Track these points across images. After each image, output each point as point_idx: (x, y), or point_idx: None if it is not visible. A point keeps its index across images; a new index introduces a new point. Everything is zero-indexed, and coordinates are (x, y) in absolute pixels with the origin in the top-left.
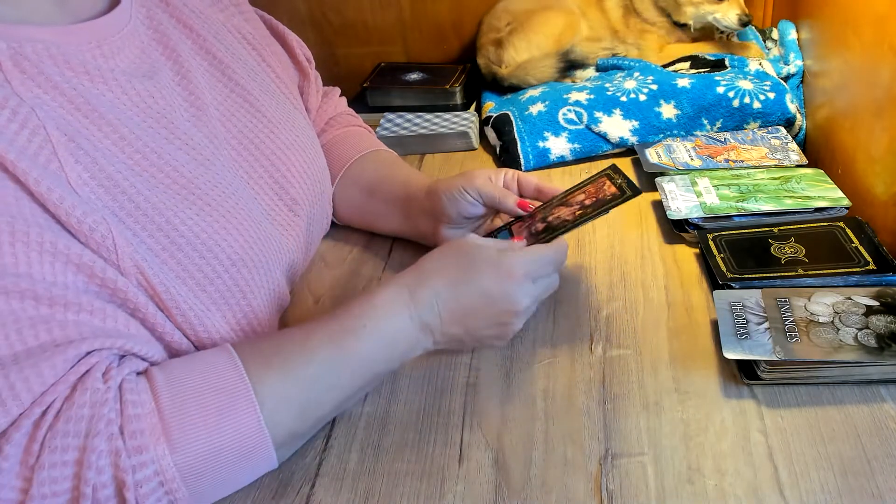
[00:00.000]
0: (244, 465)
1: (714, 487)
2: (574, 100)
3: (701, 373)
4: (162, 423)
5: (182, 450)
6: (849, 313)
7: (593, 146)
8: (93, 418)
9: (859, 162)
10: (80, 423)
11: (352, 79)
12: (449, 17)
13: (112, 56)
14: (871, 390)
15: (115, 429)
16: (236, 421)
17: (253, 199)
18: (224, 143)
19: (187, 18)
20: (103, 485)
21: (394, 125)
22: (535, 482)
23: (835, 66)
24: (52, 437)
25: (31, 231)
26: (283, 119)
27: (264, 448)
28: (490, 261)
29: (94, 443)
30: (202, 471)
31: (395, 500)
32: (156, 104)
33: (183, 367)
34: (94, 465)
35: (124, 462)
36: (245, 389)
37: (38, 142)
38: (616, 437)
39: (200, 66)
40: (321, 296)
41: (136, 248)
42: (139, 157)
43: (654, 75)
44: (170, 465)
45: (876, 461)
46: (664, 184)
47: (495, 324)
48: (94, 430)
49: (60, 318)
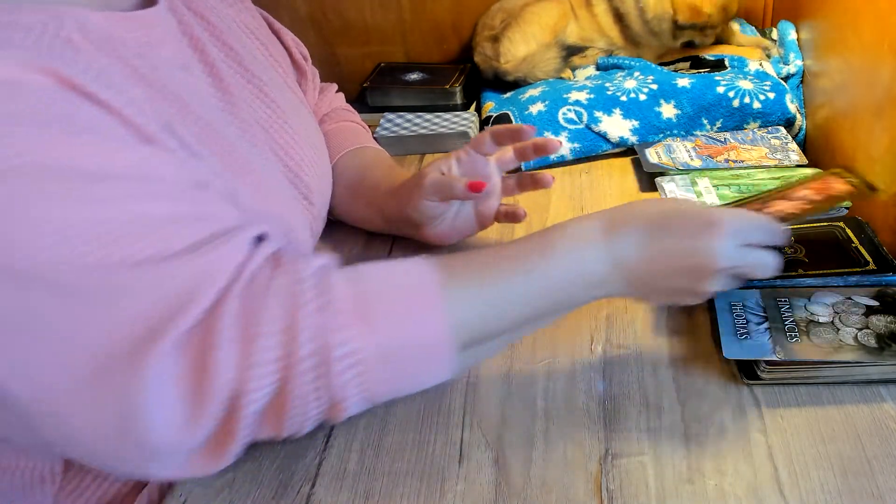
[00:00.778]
0: (425, 358)
1: (714, 487)
2: (574, 99)
3: (701, 373)
4: (357, 305)
5: (376, 333)
6: (849, 313)
7: (593, 146)
8: (296, 294)
9: (859, 162)
10: (288, 298)
11: (352, 79)
12: (449, 17)
13: (157, 46)
14: (871, 390)
15: (320, 303)
16: (422, 310)
17: (281, 182)
18: (256, 132)
19: (203, 11)
20: (311, 353)
21: (394, 125)
22: (535, 482)
23: (835, 66)
24: (264, 310)
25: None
26: (293, 111)
27: (446, 342)
28: (697, 212)
29: (302, 313)
30: (390, 356)
31: (395, 500)
32: (196, 95)
33: (371, 265)
34: (302, 333)
35: (328, 336)
36: (432, 283)
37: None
38: (616, 437)
39: (220, 58)
40: None
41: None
42: (200, 126)
43: (654, 75)
44: (365, 345)
45: (876, 461)
46: (664, 184)
47: (690, 278)
48: (300, 302)
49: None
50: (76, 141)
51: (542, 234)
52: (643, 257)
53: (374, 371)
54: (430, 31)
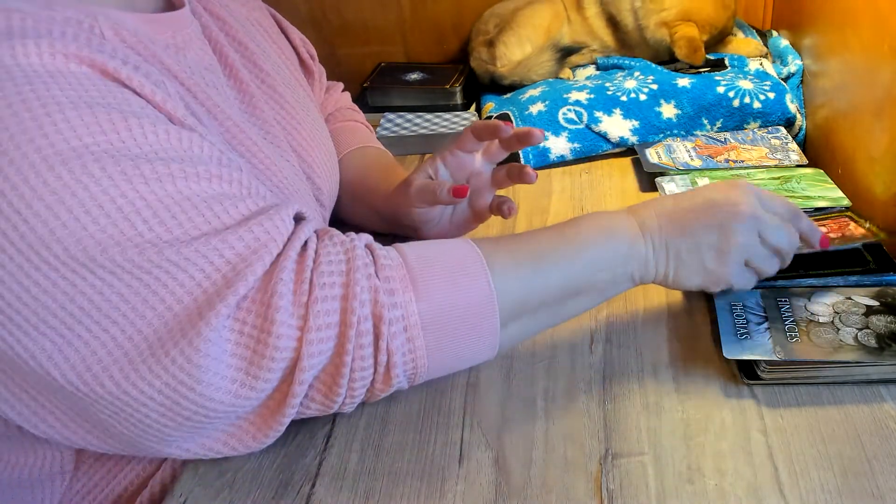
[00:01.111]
0: (473, 326)
1: (714, 487)
2: (574, 99)
3: (701, 373)
4: (406, 273)
5: (425, 299)
6: (849, 313)
7: (593, 146)
8: (349, 260)
9: (859, 162)
10: (341, 264)
11: (352, 79)
12: (449, 17)
13: (184, 48)
14: (871, 390)
15: (371, 270)
16: (469, 278)
17: (299, 183)
18: (277, 134)
19: (218, 11)
20: (365, 317)
21: (394, 125)
22: (535, 482)
23: (835, 66)
24: (319, 276)
25: (192, 136)
26: (304, 110)
27: (491, 310)
28: (717, 183)
29: (356, 277)
30: (438, 323)
31: (395, 500)
32: (219, 96)
33: (424, 243)
34: (357, 297)
35: (381, 298)
36: (477, 257)
37: (161, 93)
38: (616, 437)
39: (236, 59)
40: None
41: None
42: (227, 127)
43: (654, 75)
44: (414, 311)
45: (876, 461)
46: (664, 184)
47: (717, 228)
48: (353, 268)
49: (256, 194)
50: (124, 125)
51: (571, 219)
52: (667, 220)
53: (421, 337)
54: (430, 31)
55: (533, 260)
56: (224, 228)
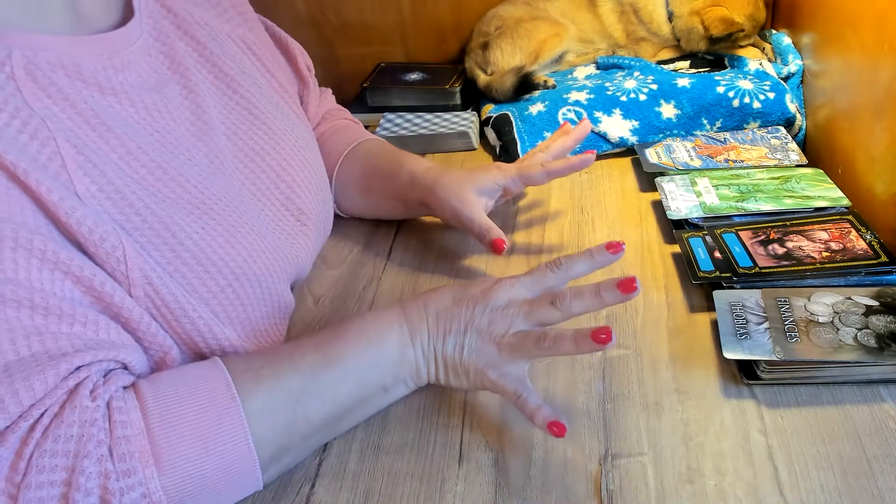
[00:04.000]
0: (231, 485)
1: (714, 487)
2: (574, 99)
3: (701, 373)
4: (151, 444)
5: (170, 471)
6: (849, 313)
7: (593, 146)
8: (82, 438)
9: (859, 162)
10: (69, 443)
11: (352, 79)
12: (449, 18)
13: (122, 69)
14: (871, 390)
15: (104, 450)
16: (225, 441)
17: (259, 212)
18: (230, 157)
19: (193, 30)
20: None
21: (394, 125)
22: (535, 482)
23: (835, 66)
24: (41, 457)
25: (35, 239)
26: (288, 130)
27: (251, 468)
28: None
29: (84, 464)
30: (190, 491)
31: (395, 500)
32: (162, 118)
33: (172, 380)
34: (82, 486)
35: (113, 484)
36: (235, 408)
37: (48, 153)
38: (616, 437)
39: (206, 80)
40: (321, 296)
41: (144, 259)
42: (145, 171)
43: (654, 75)
44: (157, 488)
45: (876, 461)
46: (664, 184)
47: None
48: (84, 451)
49: (54, 330)
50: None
51: (340, 322)
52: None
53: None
54: (430, 31)
55: (294, 396)
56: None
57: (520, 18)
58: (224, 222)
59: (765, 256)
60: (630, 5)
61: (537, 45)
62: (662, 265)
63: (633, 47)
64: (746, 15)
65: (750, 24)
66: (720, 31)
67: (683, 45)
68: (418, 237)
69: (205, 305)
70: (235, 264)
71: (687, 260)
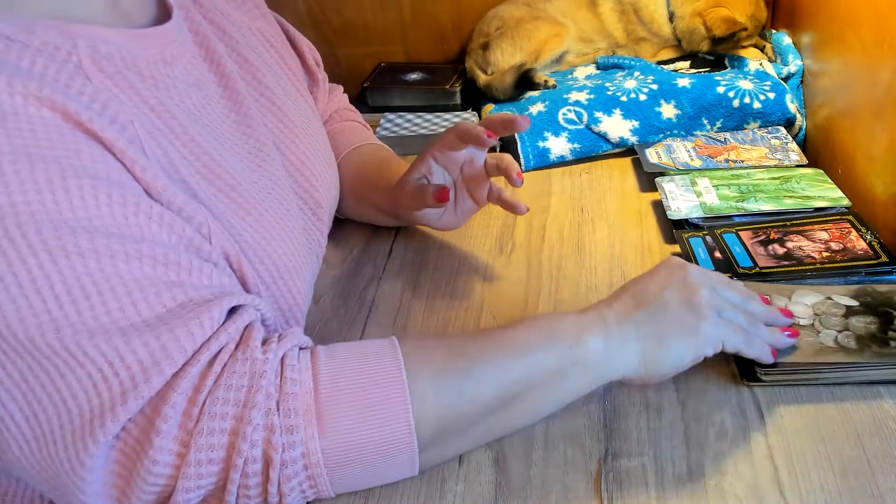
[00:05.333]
0: (387, 462)
1: (714, 487)
2: (574, 100)
3: (701, 373)
4: (317, 405)
5: (331, 436)
6: (829, 315)
7: (593, 146)
8: (251, 389)
9: (859, 162)
10: (240, 393)
11: (352, 79)
12: (449, 17)
13: (172, 63)
14: (870, 390)
15: (272, 403)
16: (387, 417)
17: (281, 205)
18: (270, 150)
19: (219, 20)
20: (254, 458)
21: (394, 125)
22: (535, 482)
23: (835, 66)
24: (212, 404)
25: (142, 202)
26: (305, 123)
27: (409, 448)
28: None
29: (251, 414)
30: (346, 460)
31: (395, 500)
32: (207, 115)
33: (348, 351)
34: (248, 437)
35: (276, 439)
36: (400, 387)
37: (129, 136)
38: (616, 437)
39: (236, 71)
40: (321, 296)
41: (226, 238)
42: (206, 159)
43: (654, 75)
44: (317, 449)
45: (876, 461)
46: (664, 184)
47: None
48: (252, 401)
49: (193, 282)
50: (61, 185)
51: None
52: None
53: (324, 475)
54: (430, 31)
55: (460, 375)
56: (133, 324)
57: (520, 18)
58: (271, 218)
59: (765, 256)
60: (631, 5)
61: (538, 46)
62: None
63: (633, 47)
64: (748, 15)
65: (752, 24)
66: (723, 32)
67: (685, 46)
68: (419, 237)
69: (267, 291)
70: (286, 257)
71: (687, 260)
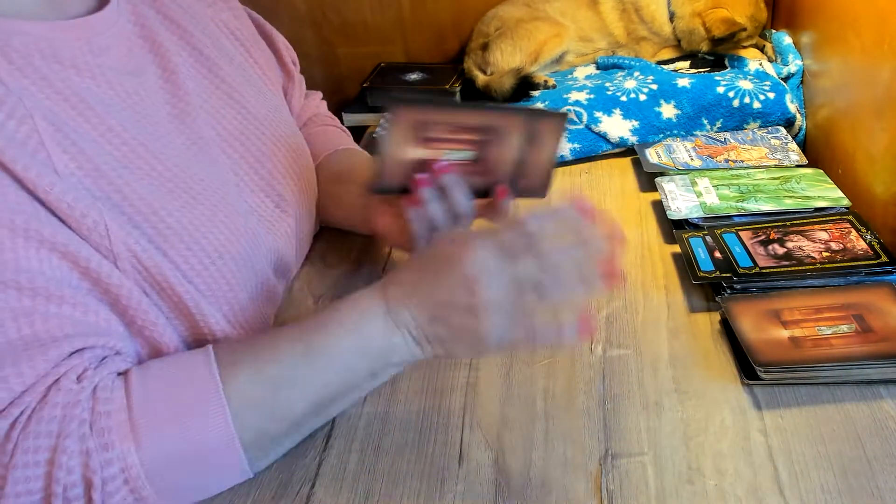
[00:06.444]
0: (213, 466)
1: (714, 487)
2: (574, 99)
3: (701, 373)
4: (130, 420)
5: (148, 446)
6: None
7: (593, 146)
8: (65, 419)
9: (859, 162)
10: (52, 424)
11: (352, 79)
12: (449, 17)
13: (100, 53)
14: (870, 390)
15: (86, 429)
16: (204, 418)
17: (238, 196)
18: (210, 141)
19: (174, 14)
20: (73, 484)
21: None
22: (535, 482)
23: (835, 66)
24: (25, 438)
25: (17, 218)
26: (270, 116)
27: (232, 448)
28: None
29: (66, 444)
30: (168, 468)
31: (395, 500)
32: (141, 102)
33: (160, 364)
34: (64, 465)
35: (93, 461)
36: (214, 386)
37: (26, 131)
38: (616, 437)
39: (186, 63)
40: (321, 296)
41: (128, 233)
42: (126, 149)
43: (654, 75)
44: (135, 462)
45: (876, 461)
46: (664, 184)
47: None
48: (66, 430)
49: (43, 311)
50: None
51: (322, 310)
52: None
53: (152, 485)
54: (430, 31)
55: (276, 382)
56: None
57: (520, 19)
58: (205, 202)
59: (765, 256)
60: (631, 4)
61: (537, 46)
62: (662, 265)
63: (633, 46)
64: (748, 15)
65: (752, 25)
66: (722, 33)
67: (685, 46)
68: None
69: (189, 283)
70: (219, 242)
71: (687, 260)
